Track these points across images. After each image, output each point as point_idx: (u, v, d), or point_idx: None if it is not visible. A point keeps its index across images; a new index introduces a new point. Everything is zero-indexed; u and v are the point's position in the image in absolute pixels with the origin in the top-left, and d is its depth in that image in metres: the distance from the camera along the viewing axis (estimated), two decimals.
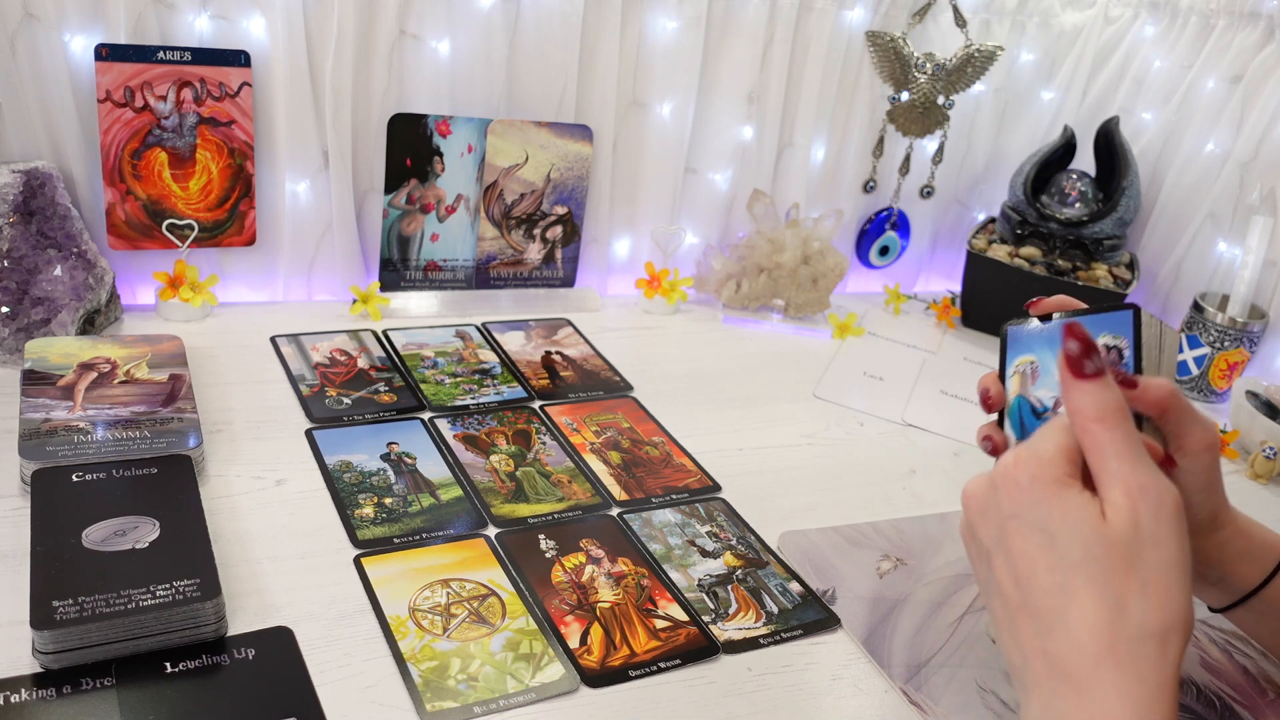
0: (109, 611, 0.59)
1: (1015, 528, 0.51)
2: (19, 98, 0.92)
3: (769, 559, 0.78)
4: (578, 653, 0.66)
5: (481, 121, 1.09)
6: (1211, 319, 1.15)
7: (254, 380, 0.93)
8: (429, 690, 0.61)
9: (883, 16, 1.22)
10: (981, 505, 0.54)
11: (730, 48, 1.17)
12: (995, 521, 0.53)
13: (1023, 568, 0.50)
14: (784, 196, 1.26)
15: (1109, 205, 1.20)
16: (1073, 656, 0.47)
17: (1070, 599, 0.48)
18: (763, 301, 1.22)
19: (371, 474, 0.81)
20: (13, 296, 0.89)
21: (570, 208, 1.17)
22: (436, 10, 1.03)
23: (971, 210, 1.41)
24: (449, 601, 0.69)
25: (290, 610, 0.66)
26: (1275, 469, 1.01)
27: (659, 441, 0.93)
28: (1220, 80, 1.22)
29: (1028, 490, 0.51)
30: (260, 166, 1.04)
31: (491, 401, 0.95)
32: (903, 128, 1.28)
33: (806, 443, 0.97)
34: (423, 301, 1.12)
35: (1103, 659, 0.47)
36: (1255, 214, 1.16)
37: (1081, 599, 0.48)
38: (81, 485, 0.70)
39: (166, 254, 1.03)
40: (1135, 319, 0.63)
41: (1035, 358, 0.68)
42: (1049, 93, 1.35)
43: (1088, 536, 0.48)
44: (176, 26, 0.96)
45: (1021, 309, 0.70)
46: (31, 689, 0.57)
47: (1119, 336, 0.65)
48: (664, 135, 1.18)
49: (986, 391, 0.68)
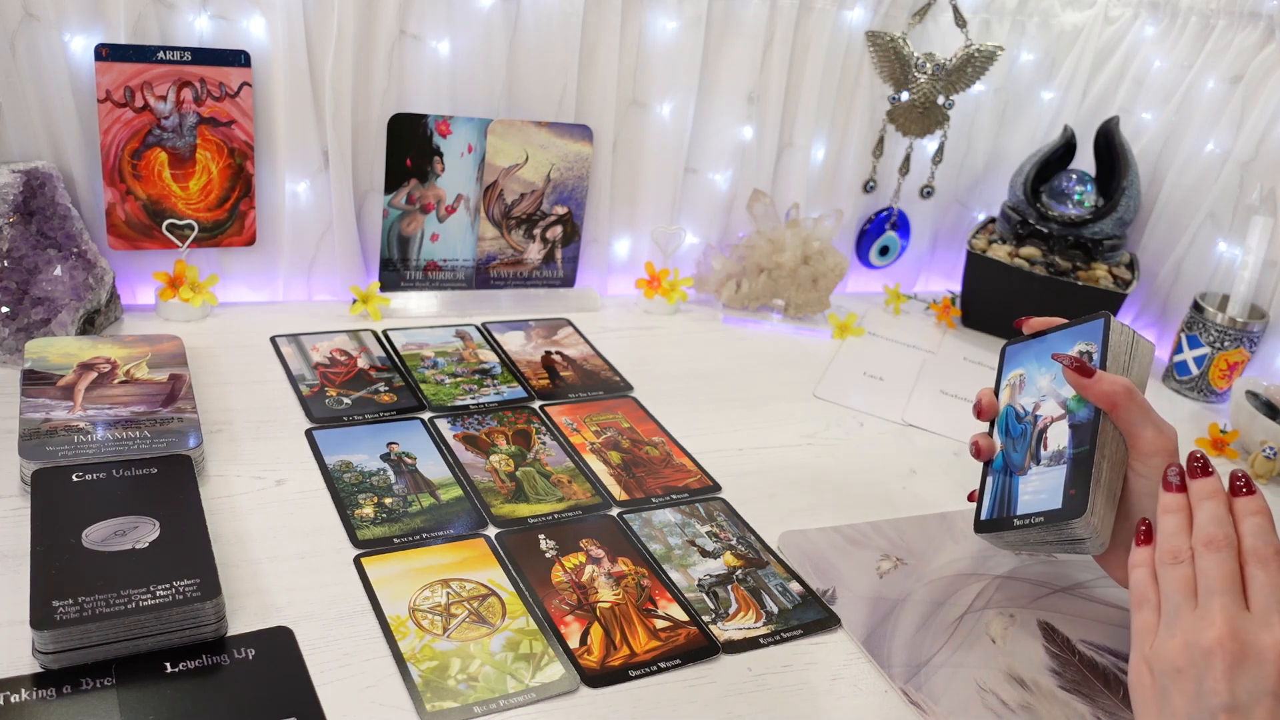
0: (109, 611, 0.59)
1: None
2: (19, 98, 0.92)
3: (769, 559, 0.78)
4: (578, 653, 0.66)
5: (481, 121, 1.09)
6: (1211, 319, 1.15)
7: (254, 380, 0.93)
8: (429, 690, 0.61)
9: (883, 16, 1.22)
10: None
11: (730, 48, 1.16)
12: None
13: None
14: (784, 196, 1.26)
15: (1109, 205, 1.20)
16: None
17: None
18: (763, 301, 1.22)
19: (371, 474, 0.81)
20: (13, 296, 0.89)
21: (570, 208, 1.17)
22: (436, 10, 1.03)
23: (971, 210, 1.41)
24: (449, 601, 0.69)
25: (290, 610, 0.66)
26: (1275, 469, 1.01)
27: (659, 441, 0.93)
28: (1220, 80, 1.22)
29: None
30: (260, 166, 1.04)
31: (491, 401, 0.95)
32: (903, 128, 1.28)
33: (806, 443, 0.97)
34: (423, 301, 1.12)
35: None
36: (1255, 214, 1.16)
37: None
38: (81, 485, 0.70)
39: (166, 254, 1.03)
40: (1105, 326, 0.70)
41: (1024, 371, 0.77)
42: (1049, 93, 1.35)
43: None
44: (176, 26, 0.96)
45: (1022, 312, 0.80)
46: (31, 689, 0.57)
47: (1090, 342, 0.71)
48: (664, 135, 1.18)
49: (979, 403, 0.77)
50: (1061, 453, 0.70)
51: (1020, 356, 0.78)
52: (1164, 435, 0.67)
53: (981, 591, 0.77)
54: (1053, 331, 0.76)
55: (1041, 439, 0.72)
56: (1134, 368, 0.71)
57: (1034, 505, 0.70)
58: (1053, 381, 0.73)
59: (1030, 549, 0.76)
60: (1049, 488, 0.69)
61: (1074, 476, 0.68)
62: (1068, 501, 0.67)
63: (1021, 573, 0.80)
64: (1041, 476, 0.70)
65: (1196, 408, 1.17)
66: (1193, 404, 1.18)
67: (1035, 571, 0.81)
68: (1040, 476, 0.71)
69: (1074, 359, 0.69)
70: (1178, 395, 1.19)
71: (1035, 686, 0.69)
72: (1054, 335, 0.75)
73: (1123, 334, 0.71)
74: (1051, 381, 0.73)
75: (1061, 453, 0.70)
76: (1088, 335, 0.71)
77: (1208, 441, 1.06)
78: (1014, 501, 0.72)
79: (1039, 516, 0.69)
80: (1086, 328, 0.72)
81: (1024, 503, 0.71)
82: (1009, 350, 0.79)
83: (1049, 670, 0.70)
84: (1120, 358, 0.70)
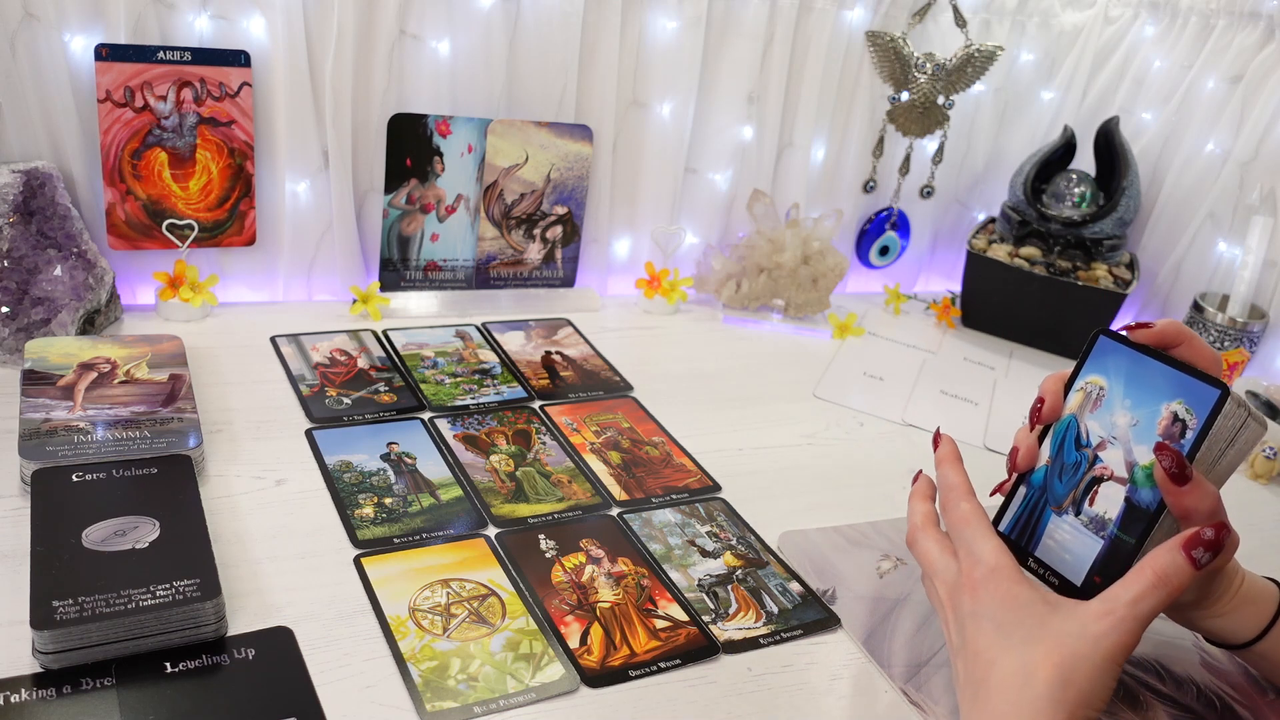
0: (109, 611, 0.59)
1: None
2: (19, 98, 0.92)
3: (769, 559, 0.78)
4: (578, 653, 0.66)
5: (481, 121, 1.09)
6: (1211, 319, 1.15)
7: (254, 380, 0.93)
8: (429, 690, 0.61)
9: (883, 16, 1.22)
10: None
11: (730, 48, 1.17)
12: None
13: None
14: (784, 196, 1.26)
15: (1109, 205, 1.20)
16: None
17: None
18: (763, 301, 1.22)
19: (371, 474, 0.81)
20: (13, 296, 0.89)
21: (570, 208, 1.17)
22: (436, 10, 1.03)
23: (971, 210, 1.41)
24: (449, 601, 0.69)
25: (290, 610, 0.66)
26: (1275, 469, 1.01)
27: (659, 441, 0.93)
28: (1220, 80, 1.22)
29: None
30: (260, 166, 1.04)
31: (491, 401, 0.95)
32: (903, 128, 1.28)
33: (806, 443, 0.97)
34: (423, 301, 1.12)
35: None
36: (1255, 214, 1.16)
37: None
38: (81, 485, 0.70)
39: (166, 254, 1.03)
40: (1219, 403, 0.58)
41: (1107, 383, 0.64)
42: (1049, 93, 1.35)
43: None
44: (176, 26, 0.96)
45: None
46: (31, 689, 0.57)
47: (1192, 411, 0.59)
48: (664, 135, 1.18)
49: (1041, 402, 0.65)
50: (1105, 523, 0.60)
51: (1112, 360, 0.63)
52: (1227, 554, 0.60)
53: None
54: (1166, 364, 0.60)
55: (1091, 491, 0.62)
56: (1229, 454, 0.60)
57: (1054, 559, 0.63)
58: (1131, 426, 0.61)
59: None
60: (1076, 554, 0.62)
61: (1106, 563, 0.60)
62: (1088, 586, 0.60)
63: None
64: (1075, 534, 0.62)
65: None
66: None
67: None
68: (1073, 533, 0.62)
69: (1174, 457, 0.57)
70: None
71: None
72: (1163, 368, 0.60)
73: (1233, 418, 0.59)
74: (1130, 426, 0.61)
75: (1105, 523, 0.60)
76: (1195, 398, 0.58)
77: None
78: (1038, 537, 0.64)
79: (1054, 577, 0.62)
80: (1196, 388, 0.59)
81: (1046, 547, 0.63)
82: (1102, 341, 0.64)
83: None
84: (1219, 443, 0.59)
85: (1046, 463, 0.65)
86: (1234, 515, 0.60)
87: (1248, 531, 0.65)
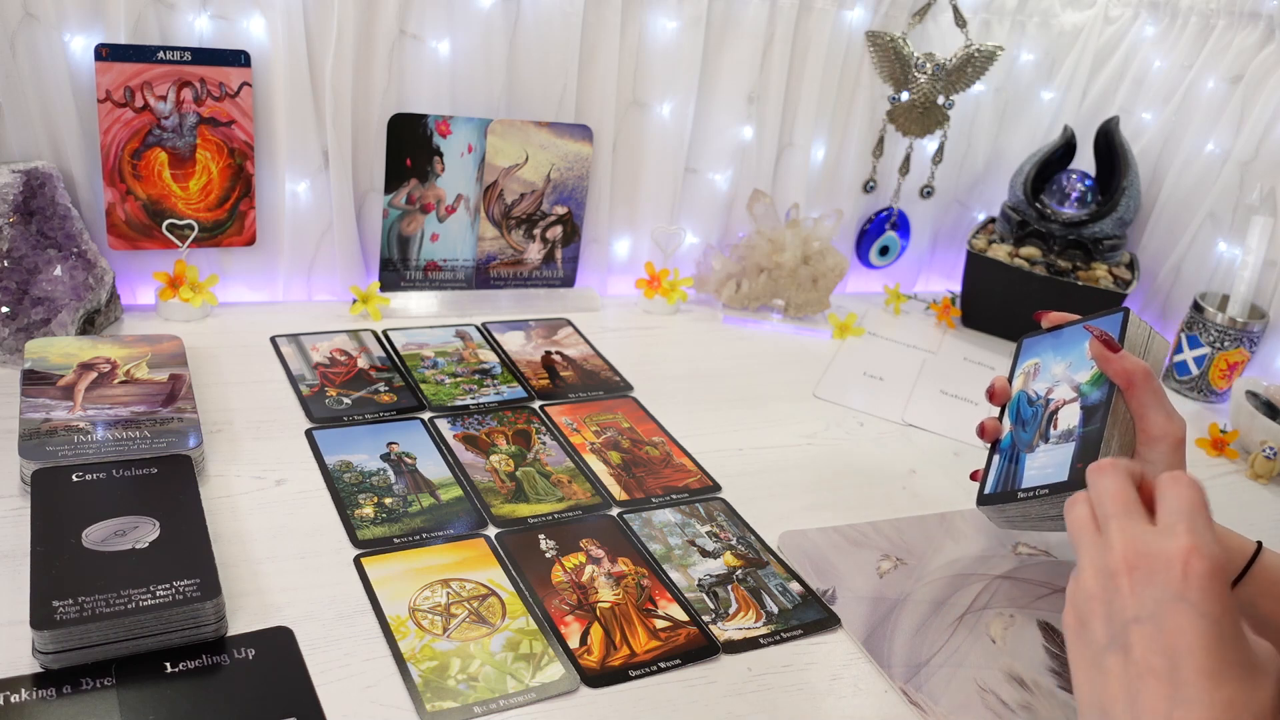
0: (109, 611, 0.59)
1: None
2: (19, 98, 0.92)
3: (769, 559, 0.78)
4: (578, 653, 0.66)
5: (481, 121, 1.09)
6: (1211, 319, 1.15)
7: (254, 380, 0.93)
8: (429, 690, 0.61)
9: (883, 16, 1.22)
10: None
11: (730, 48, 1.16)
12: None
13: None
14: (784, 196, 1.26)
15: (1109, 205, 1.20)
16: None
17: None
18: (763, 301, 1.22)
19: (371, 474, 0.81)
20: (13, 296, 0.89)
21: (570, 208, 1.17)
22: (436, 10, 1.03)
23: (971, 210, 1.41)
24: (449, 601, 0.69)
25: (290, 610, 0.66)
26: (1275, 469, 1.01)
27: (659, 441, 0.93)
28: (1220, 80, 1.22)
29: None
30: (260, 166, 1.04)
31: (491, 401, 0.95)
32: (903, 128, 1.28)
33: (806, 443, 0.97)
34: (423, 301, 1.12)
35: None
36: (1255, 214, 1.16)
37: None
38: (81, 485, 0.70)
39: (166, 254, 1.03)
40: (1124, 320, 0.72)
41: (1039, 360, 0.79)
42: (1049, 93, 1.35)
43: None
44: (176, 26, 0.96)
45: (1022, 311, 0.80)
46: (31, 689, 0.57)
47: (1109, 334, 0.73)
48: (664, 135, 1.18)
49: (992, 387, 0.79)
50: (1071, 431, 0.71)
51: (1037, 348, 0.79)
52: (1173, 422, 0.68)
53: (981, 591, 0.77)
54: (1070, 325, 0.77)
55: (1052, 420, 0.73)
56: (1147, 360, 0.72)
57: (1040, 479, 0.70)
58: (1068, 368, 0.74)
59: (1030, 525, 0.75)
60: (1056, 463, 0.70)
61: (1082, 451, 0.68)
62: (1074, 474, 0.68)
63: (1021, 573, 0.80)
64: (1049, 453, 0.71)
65: (1196, 408, 1.17)
66: (1193, 404, 1.18)
67: (1035, 571, 0.81)
68: (1048, 453, 0.71)
69: (1103, 331, 0.71)
70: (1178, 395, 1.19)
71: (1035, 686, 0.69)
72: (1075, 328, 0.77)
73: (1140, 328, 0.73)
74: (1066, 368, 0.75)
75: (1071, 431, 0.71)
76: (1106, 328, 0.73)
77: (1208, 442, 1.06)
78: (1019, 476, 0.73)
79: (1044, 489, 0.69)
80: (1105, 321, 0.74)
81: (1029, 477, 0.71)
82: (1026, 342, 0.81)
83: (1049, 670, 0.70)
84: (1136, 351, 0.72)
85: (1010, 430, 0.77)
86: (1234, 515, 0.60)
87: (1248, 531, 0.65)
